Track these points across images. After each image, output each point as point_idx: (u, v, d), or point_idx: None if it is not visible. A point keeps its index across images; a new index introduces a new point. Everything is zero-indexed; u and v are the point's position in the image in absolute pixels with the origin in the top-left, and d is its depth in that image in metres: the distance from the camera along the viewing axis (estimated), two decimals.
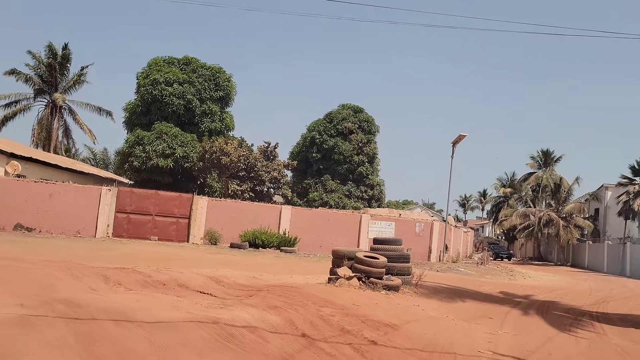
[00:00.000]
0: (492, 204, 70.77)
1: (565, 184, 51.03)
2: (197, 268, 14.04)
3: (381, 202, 44.25)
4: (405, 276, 12.32)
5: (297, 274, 14.94)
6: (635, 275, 34.62)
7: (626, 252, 36.80)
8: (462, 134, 24.39)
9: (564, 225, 46.11)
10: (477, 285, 17.91)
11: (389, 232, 26.18)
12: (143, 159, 31.78)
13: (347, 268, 11.89)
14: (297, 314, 7.50)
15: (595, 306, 15.01)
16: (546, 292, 18.20)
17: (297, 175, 44.74)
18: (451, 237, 31.73)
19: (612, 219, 45.38)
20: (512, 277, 25.49)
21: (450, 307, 11.32)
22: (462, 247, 37.83)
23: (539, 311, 12.33)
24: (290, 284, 10.90)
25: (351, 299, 9.52)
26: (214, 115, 34.50)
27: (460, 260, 32.77)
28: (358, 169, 41.73)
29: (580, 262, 45.23)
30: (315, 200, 40.67)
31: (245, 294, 9.73)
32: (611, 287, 24.55)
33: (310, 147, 42.86)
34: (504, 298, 14.52)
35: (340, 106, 44.56)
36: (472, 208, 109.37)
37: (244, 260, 18.39)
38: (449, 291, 13.92)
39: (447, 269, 23.45)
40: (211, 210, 25.61)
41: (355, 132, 42.18)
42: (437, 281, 16.37)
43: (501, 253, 53.08)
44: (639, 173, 39.19)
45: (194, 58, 35.84)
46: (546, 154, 57.81)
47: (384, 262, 11.65)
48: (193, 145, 32.72)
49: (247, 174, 31.32)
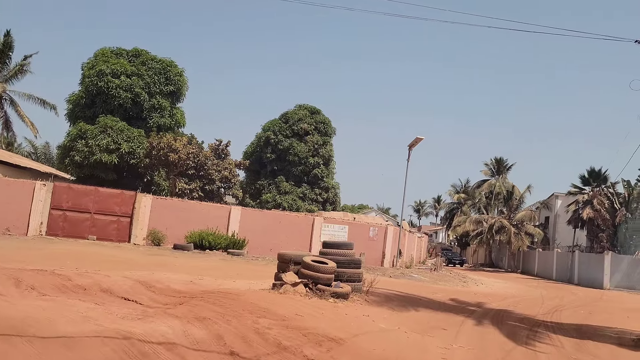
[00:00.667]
0: (446, 210, 71.28)
1: (517, 192, 51.73)
2: (131, 271, 12.83)
3: (336, 205, 43.47)
4: (355, 283, 11.48)
5: (241, 279, 13.92)
6: (583, 282, 35.10)
7: (574, 260, 37.32)
8: (418, 137, 23.93)
9: (515, 232, 46.58)
10: (431, 292, 17.32)
11: (342, 236, 25.39)
12: (85, 154, 29.88)
13: (293, 273, 10.96)
14: (228, 326, 6.50)
15: (549, 315, 14.62)
16: (499, 300, 17.80)
17: (250, 175, 43.47)
18: (405, 242, 31.27)
19: (562, 227, 46.16)
20: (465, 283, 25.16)
21: (403, 316, 10.55)
22: (416, 252, 37.54)
23: (494, 321, 11.74)
24: (229, 290, 9.88)
25: (295, 308, 8.59)
26: (163, 110, 32.89)
27: (414, 266, 32.38)
28: (313, 171, 40.85)
29: (530, 269, 45.75)
30: (269, 202, 39.53)
31: (175, 301, 8.65)
32: (561, 294, 24.57)
33: (265, 147, 41.70)
34: (457, 306, 13.91)
35: (297, 106, 43.63)
36: (426, 214, 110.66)
37: (186, 262, 17.18)
38: (402, 299, 13.18)
39: (400, 274, 22.86)
40: (156, 209, 24.19)
41: (311, 133, 41.31)
42: (390, 288, 15.65)
43: (454, 259, 53.27)
44: (589, 183, 39.95)
45: (144, 50, 34.14)
46: (499, 162, 58.60)
47: (333, 267, 10.79)
48: (140, 141, 31.03)
49: (196, 173, 29.90)
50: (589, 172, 40.18)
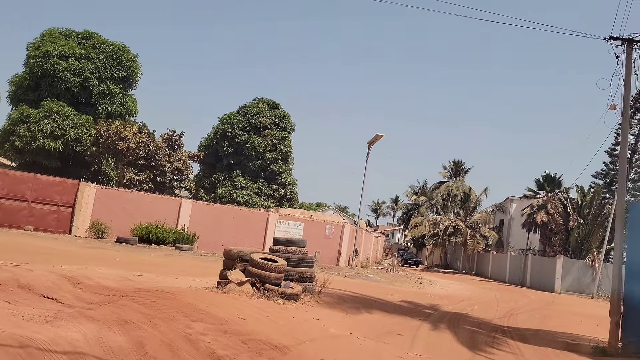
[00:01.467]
0: (404, 210, 71.46)
1: (474, 194, 52.21)
2: (63, 264, 11.66)
3: (293, 202, 42.65)
4: (307, 283, 10.70)
5: (186, 275, 12.92)
6: (535, 285, 35.47)
7: (527, 263, 37.72)
8: (378, 134, 23.36)
9: (470, 234, 46.93)
10: (386, 293, 16.72)
11: (297, 233, 24.60)
12: (27, 139, 28.04)
13: (239, 271, 10.08)
14: (154, 332, 5.59)
15: (506, 319, 14.25)
16: (455, 303, 17.40)
17: (205, 169, 42.16)
18: (362, 241, 30.74)
19: (516, 231, 46.77)
20: (420, 284, 24.79)
21: (356, 320, 9.83)
22: (372, 252, 37.12)
23: (450, 325, 11.19)
24: (167, 289, 8.91)
25: (237, 310, 7.73)
26: (114, 96, 31.25)
27: (370, 266, 31.90)
28: (270, 167, 39.90)
29: (484, 271, 46.15)
30: (224, 197, 38.36)
31: (103, 300, 7.65)
32: (515, 297, 24.53)
33: (221, 140, 40.46)
34: (413, 309, 13.33)
35: (256, 100, 42.55)
36: (383, 214, 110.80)
37: (128, 257, 16.01)
38: (356, 300, 12.48)
39: (355, 274, 22.25)
40: (100, 200, 22.77)
41: (269, 127, 40.32)
42: (344, 288, 14.94)
43: (410, 259, 53.23)
44: (544, 187, 40.50)
45: (95, 33, 32.37)
46: (457, 165, 58.95)
47: (283, 266, 9.97)
48: (88, 128, 29.37)
49: (147, 163, 28.50)
50: (544, 177, 40.74)
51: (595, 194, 34.94)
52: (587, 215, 34.53)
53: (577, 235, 34.49)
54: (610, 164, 38.68)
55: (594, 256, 32.97)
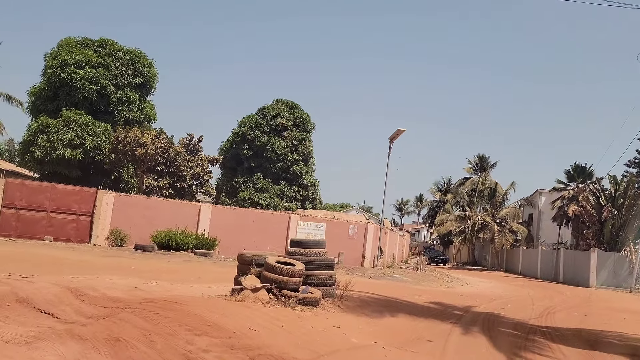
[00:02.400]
0: (429, 208, 70.20)
1: (500, 189, 50.84)
2: (74, 275, 11.22)
3: (315, 203, 41.95)
4: (328, 286, 10.01)
5: (202, 282, 12.37)
6: (568, 281, 34.16)
7: (560, 257, 36.37)
8: (400, 129, 22.56)
9: (498, 230, 45.62)
10: (413, 294, 15.93)
11: (320, 235, 23.93)
12: (47, 149, 27.97)
13: (254, 277, 9.45)
14: (148, 351, 4.97)
15: (543, 319, 13.33)
16: (487, 302, 16.51)
17: (226, 173, 41.77)
18: (386, 240, 29.93)
19: (546, 225, 45.31)
20: (449, 283, 23.88)
21: (381, 326, 9.10)
22: (398, 251, 36.24)
23: (484, 328, 10.37)
24: (176, 298, 8.31)
25: (249, 320, 7.08)
26: (132, 103, 31.04)
27: (396, 265, 31.09)
28: (292, 168, 39.29)
29: (514, 268, 44.80)
30: (245, 200, 37.89)
31: (103, 313, 7.07)
32: (549, 294, 23.45)
33: (241, 143, 40.03)
34: (443, 311, 12.52)
35: (275, 101, 42.02)
36: (408, 212, 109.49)
37: (144, 265, 15.55)
38: (381, 303, 11.73)
39: (381, 275, 21.46)
40: (119, 208, 22.47)
41: (289, 129, 39.73)
42: (368, 290, 14.21)
43: (437, 257, 52.24)
44: (574, 178, 39.01)
45: (111, 40, 32.24)
46: (482, 159, 57.58)
47: (301, 269, 9.30)
48: (107, 136, 29.19)
49: (166, 169, 28.14)
50: (574, 168, 39.27)
51: (630, 183, 33.41)
52: (622, 206, 33.05)
53: (611, 227, 33.02)
54: None
55: (630, 248, 31.55)
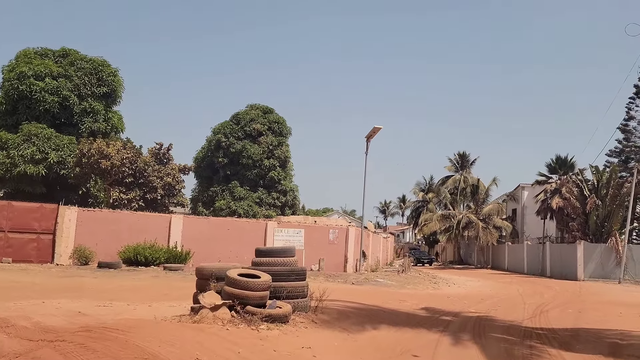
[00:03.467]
0: (412, 209, 69.46)
1: (483, 185, 50.31)
2: (18, 300, 9.98)
3: (295, 208, 40.89)
4: (299, 299, 8.93)
5: (166, 300, 11.18)
6: (556, 274, 33.56)
7: (546, 251, 35.78)
8: (376, 127, 21.63)
9: (483, 227, 44.98)
10: (398, 299, 14.92)
11: (298, 241, 22.84)
12: (7, 166, 26.47)
13: (214, 293, 8.35)
14: None
15: (536, 319, 12.42)
16: (476, 303, 15.58)
17: (202, 182, 40.50)
18: (369, 243, 28.94)
19: (530, 219, 44.78)
20: (435, 285, 22.95)
21: (360, 341, 8.04)
22: (382, 254, 35.28)
23: (475, 335, 9.38)
24: (120, 325, 7.14)
25: (201, 346, 5.97)
26: (97, 114, 29.66)
27: (380, 269, 30.10)
28: (269, 174, 38.17)
29: (500, 264, 44.17)
30: (223, 209, 36.66)
31: (25, 348, 5.91)
32: (539, 290, 22.67)
33: (216, 151, 38.80)
34: (429, 317, 11.51)
35: (249, 106, 40.89)
36: (392, 214, 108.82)
37: (105, 284, 14.28)
38: (360, 314, 10.67)
39: (364, 280, 20.43)
40: (83, 223, 21.10)
41: (265, 134, 38.61)
42: (349, 299, 13.16)
43: (422, 258, 51.54)
44: (556, 171, 38.50)
45: (72, 50, 30.85)
46: (463, 157, 57.04)
47: (267, 281, 8.21)
48: (71, 149, 27.77)
49: (135, 181, 26.82)
50: (555, 160, 38.77)
51: (612, 172, 32.99)
52: (605, 196, 32.59)
53: (596, 218, 32.51)
54: (624, 140, 36.69)
55: (616, 238, 31.05)
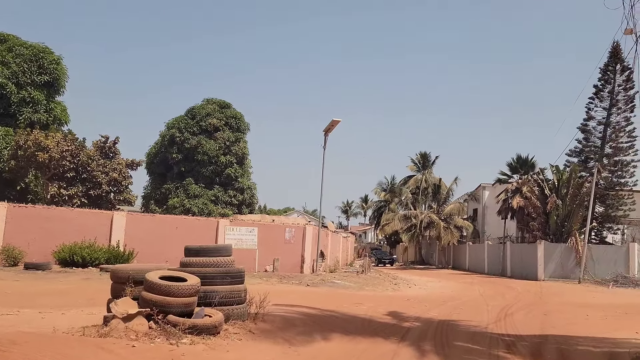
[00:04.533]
0: (374, 209, 68.86)
1: (444, 185, 49.97)
2: None
3: (253, 207, 39.43)
4: (234, 305, 7.64)
5: (89, 307, 9.73)
6: (516, 274, 33.26)
7: (506, 251, 35.47)
8: (334, 120, 20.51)
9: (444, 226, 44.56)
10: (355, 302, 13.78)
11: (251, 240, 21.48)
12: None
13: (130, 300, 6.99)
14: None
15: (502, 323, 11.49)
16: (437, 306, 14.60)
17: (155, 179, 38.55)
18: (328, 242, 27.81)
19: (491, 219, 44.61)
20: (396, 286, 21.98)
21: (305, 355, 6.80)
22: (342, 254, 34.21)
23: (437, 345, 8.29)
24: (10, 339, 5.72)
25: None
26: (37, 104, 27.48)
27: (340, 269, 29.00)
28: (225, 171, 36.57)
29: (462, 264, 43.82)
30: (176, 207, 34.88)
31: None
32: (501, 291, 22.03)
33: (170, 146, 36.93)
34: (387, 323, 10.38)
35: (205, 101, 39.15)
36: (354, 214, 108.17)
37: (24, 288, 12.64)
38: (311, 321, 9.44)
39: (320, 281, 19.25)
40: (13, 221, 19.21)
41: (221, 129, 37.00)
42: (300, 302, 11.95)
43: (384, 258, 50.84)
44: (517, 170, 38.28)
45: (11, 35, 28.56)
46: (424, 157, 56.65)
47: (194, 285, 6.90)
48: (7, 141, 25.66)
49: (77, 175, 24.91)
50: (516, 160, 38.55)
51: (572, 172, 32.83)
52: (566, 196, 32.40)
53: (556, 218, 32.29)
54: (583, 140, 36.71)
55: (576, 238, 30.88)
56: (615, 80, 35.90)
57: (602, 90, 36.33)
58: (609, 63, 36.05)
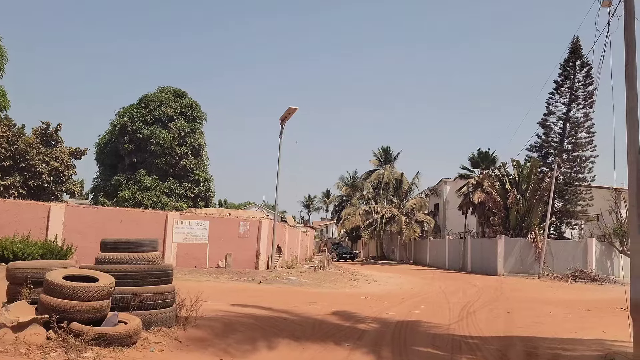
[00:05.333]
0: (335, 203, 68.24)
1: (406, 180, 49.62)
2: None
3: (209, 200, 37.95)
4: (159, 309, 6.50)
5: None
6: (477, 270, 33.03)
7: (467, 246, 35.22)
8: (291, 107, 19.40)
9: (405, 221, 44.14)
10: (309, 301, 12.76)
11: (202, 234, 20.20)
12: None
13: (26, 304, 5.77)
14: None
15: (464, 323, 10.69)
16: (397, 304, 13.75)
17: (105, 170, 36.55)
18: (286, 237, 26.74)
19: (452, 214, 44.43)
20: (354, 282, 21.12)
21: None
22: (301, 249, 33.20)
23: (395, 351, 7.36)
24: None
25: None
26: None
27: (298, 265, 27.98)
28: (180, 163, 34.94)
29: (422, 259, 43.51)
30: (127, 200, 33.11)
31: None
32: (462, 287, 21.47)
33: (121, 136, 35.01)
34: (341, 325, 9.40)
35: (159, 89, 37.29)
36: (316, 209, 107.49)
37: None
38: (255, 325, 8.35)
39: (274, 278, 18.16)
40: None
41: (176, 119, 35.36)
42: (248, 302, 10.86)
43: (345, 253, 50.31)
44: (478, 165, 38.04)
45: None
46: (386, 151, 56.32)
47: (106, 286, 5.73)
48: None
49: (14, 165, 23.05)
50: (478, 154, 38.31)
51: (532, 167, 32.70)
52: (526, 191, 32.28)
53: (516, 213, 32.15)
54: (543, 135, 36.71)
55: (535, 233, 30.77)
56: (575, 76, 36.01)
57: (562, 86, 36.37)
58: (569, 59, 36.13)
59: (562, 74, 36.33)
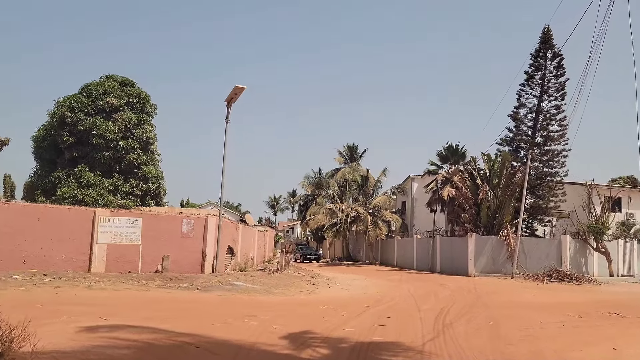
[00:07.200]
0: (300, 203, 65.84)
1: (372, 177, 47.47)
2: None
3: (159, 198, 34.90)
4: None
5: None
6: (446, 270, 31.06)
7: (436, 246, 33.20)
8: (238, 86, 16.77)
9: (372, 220, 41.97)
10: (246, 314, 10.19)
11: (133, 234, 17.37)
12: None
13: None
14: None
15: (441, 342, 8.32)
16: (358, 315, 11.33)
17: (43, 166, 33.12)
18: (239, 237, 24.08)
19: (420, 212, 42.51)
20: (313, 287, 18.62)
21: None
22: (258, 250, 30.54)
23: None
24: None
25: None
26: None
27: (254, 267, 25.39)
28: (126, 157, 31.78)
29: (390, 260, 41.40)
30: (67, 198, 29.88)
31: None
32: (433, 289, 19.27)
33: (60, 128, 31.64)
34: (276, 355, 6.88)
35: (103, 77, 34.07)
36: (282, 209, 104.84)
37: None
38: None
39: (216, 284, 15.48)
40: None
41: (122, 109, 32.22)
42: (163, 316, 8.25)
43: (309, 254, 48.09)
44: (447, 160, 36.07)
45: None
46: (352, 149, 54.40)
47: None
48: None
49: None
50: (447, 149, 36.34)
51: (504, 161, 30.84)
52: (497, 186, 30.42)
53: (487, 209, 30.21)
54: (514, 129, 35.06)
55: (507, 231, 28.95)
56: (546, 66, 34.47)
57: (533, 77, 34.82)
58: (540, 49, 34.62)
59: (533, 64, 34.77)
